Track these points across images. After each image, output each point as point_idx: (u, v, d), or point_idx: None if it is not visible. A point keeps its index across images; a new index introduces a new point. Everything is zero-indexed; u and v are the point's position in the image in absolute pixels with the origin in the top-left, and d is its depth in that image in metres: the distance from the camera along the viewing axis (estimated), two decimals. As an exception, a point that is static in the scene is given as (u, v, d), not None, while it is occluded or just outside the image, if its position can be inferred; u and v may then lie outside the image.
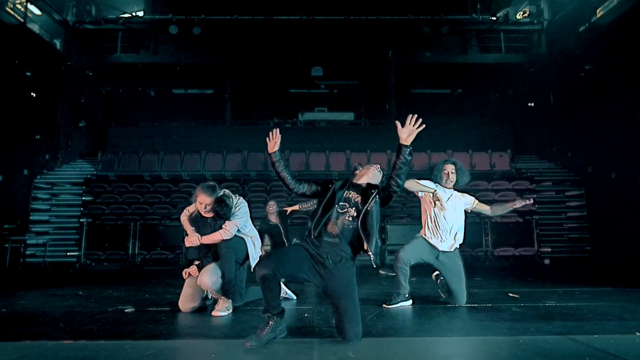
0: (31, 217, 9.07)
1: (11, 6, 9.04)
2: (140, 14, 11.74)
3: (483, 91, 12.91)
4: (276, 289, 2.44)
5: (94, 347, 2.38)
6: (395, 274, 3.67)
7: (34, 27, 9.95)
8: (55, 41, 10.94)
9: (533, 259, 8.35)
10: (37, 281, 6.04)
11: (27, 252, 8.46)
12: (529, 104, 11.75)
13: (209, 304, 3.62)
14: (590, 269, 7.40)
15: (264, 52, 11.48)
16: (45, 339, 2.54)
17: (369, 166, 2.90)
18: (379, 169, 2.89)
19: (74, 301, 4.03)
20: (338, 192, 2.69)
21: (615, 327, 2.83)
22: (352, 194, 2.69)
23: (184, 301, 3.46)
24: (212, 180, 3.88)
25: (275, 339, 2.43)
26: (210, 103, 12.90)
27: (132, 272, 7.46)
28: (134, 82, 12.30)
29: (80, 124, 11.30)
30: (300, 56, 11.47)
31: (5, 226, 8.13)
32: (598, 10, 9.05)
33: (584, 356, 2.16)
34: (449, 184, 3.75)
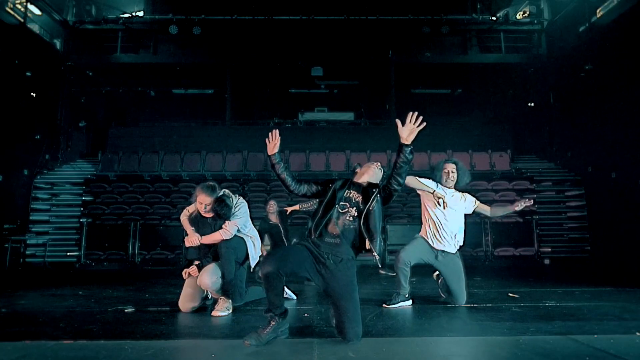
0: (31, 217, 9.07)
1: (11, 6, 9.04)
2: (140, 14, 11.74)
3: (483, 91, 12.91)
4: (279, 287, 2.42)
5: (94, 347, 2.38)
6: (396, 274, 3.67)
7: (34, 27, 9.95)
8: (55, 41, 10.94)
9: (533, 259, 8.34)
10: (37, 281, 6.04)
11: (27, 252, 8.45)
12: (529, 104, 11.74)
13: (209, 304, 3.62)
14: (590, 269, 7.39)
15: (264, 52, 11.49)
16: (45, 339, 2.54)
17: (369, 164, 2.86)
18: (380, 166, 2.86)
19: (74, 301, 4.03)
20: (338, 192, 2.67)
21: (615, 327, 2.83)
22: (352, 193, 2.67)
23: (184, 301, 3.46)
24: (212, 180, 3.88)
25: (276, 339, 2.42)
26: (210, 103, 12.91)
27: (132, 272, 7.45)
28: (134, 82, 12.31)
29: (80, 124, 11.32)
30: (300, 56, 11.48)
31: (5, 226, 8.13)
32: (598, 10, 9.06)
33: (584, 356, 2.17)
34: (449, 184, 3.74)
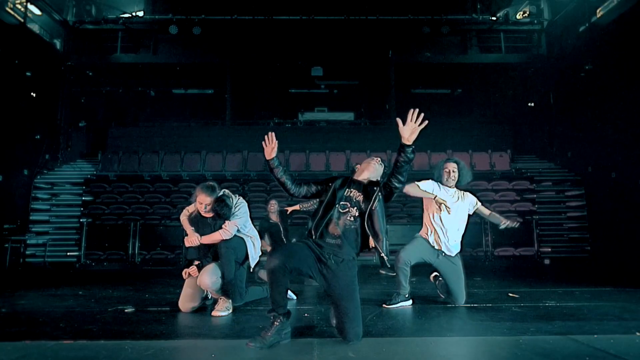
0: (31, 217, 9.06)
1: (11, 6, 9.04)
2: (140, 14, 11.74)
3: (483, 91, 12.90)
4: (284, 284, 2.37)
5: (94, 347, 2.38)
6: (396, 274, 3.67)
7: (34, 27, 9.94)
8: (55, 41, 10.94)
9: (533, 259, 8.34)
10: (37, 281, 6.03)
11: (27, 252, 8.45)
12: (529, 104, 11.74)
13: (209, 304, 3.62)
14: (590, 269, 7.39)
15: (263, 52, 11.49)
16: (45, 339, 2.54)
17: (369, 160, 2.81)
18: (380, 161, 2.80)
19: (73, 301, 4.03)
20: (338, 191, 2.62)
21: (615, 327, 2.83)
22: (353, 192, 2.62)
23: (184, 301, 3.46)
24: (212, 180, 3.88)
25: (279, 343, 2.40)
26: (210, 103, 12.90)
27: (132, 272, 7.45)
28: (134, 82, 12.31)
29: (80, 124, 11.31)
30: (300, 56, 11.48)
31: (5, 226, 8.12)
32: (598, 10, 9.05)
33: (584, 356, 2.16)
34: (450, 183, 3.73)
